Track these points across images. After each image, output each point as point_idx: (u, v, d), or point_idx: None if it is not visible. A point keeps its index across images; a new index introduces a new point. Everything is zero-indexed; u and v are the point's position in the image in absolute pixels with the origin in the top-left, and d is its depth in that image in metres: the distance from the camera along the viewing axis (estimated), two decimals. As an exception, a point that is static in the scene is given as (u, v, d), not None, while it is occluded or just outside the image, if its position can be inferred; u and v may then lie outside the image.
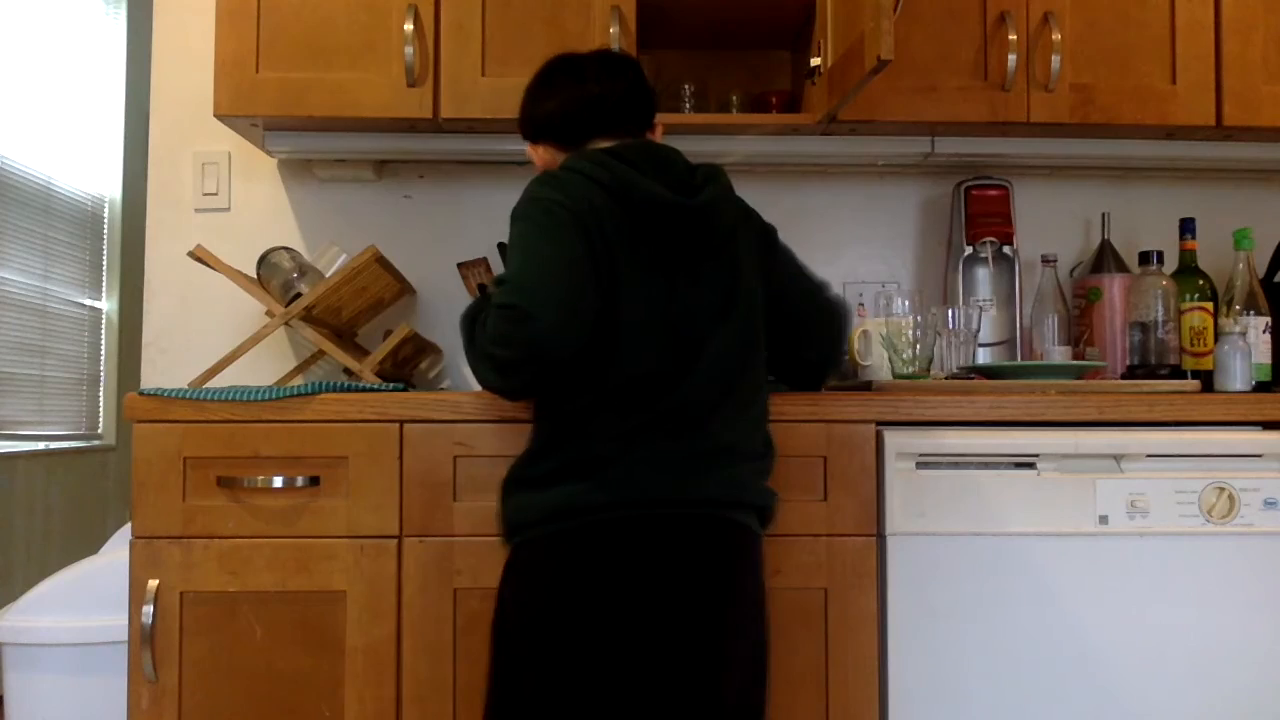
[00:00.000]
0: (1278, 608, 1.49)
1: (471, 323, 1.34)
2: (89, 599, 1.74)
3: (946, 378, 1.76)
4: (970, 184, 2.03)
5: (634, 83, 1.40)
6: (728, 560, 1.25)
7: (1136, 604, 1.48)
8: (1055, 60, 1.81)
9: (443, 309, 2.12)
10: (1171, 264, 1.92)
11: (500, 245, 2.07)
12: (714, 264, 1.30)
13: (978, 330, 1.85)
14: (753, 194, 2.14)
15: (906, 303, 1.73)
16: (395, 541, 1.47)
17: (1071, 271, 2.09)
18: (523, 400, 1.38)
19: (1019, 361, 1.96)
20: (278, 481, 1.47)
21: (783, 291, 1.40)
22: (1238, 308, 1.81)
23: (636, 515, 1.21)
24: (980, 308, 1.97)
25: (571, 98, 1.38)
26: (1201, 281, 1.86)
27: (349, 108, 1.80)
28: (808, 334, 1.45)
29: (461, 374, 2.12)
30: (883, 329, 1.74)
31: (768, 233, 1.43)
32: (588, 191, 1.25)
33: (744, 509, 1.27)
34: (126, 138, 3.81)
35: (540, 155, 1.43)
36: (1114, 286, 1.95)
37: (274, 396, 1.49)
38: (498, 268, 2.09)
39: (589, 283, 1.22)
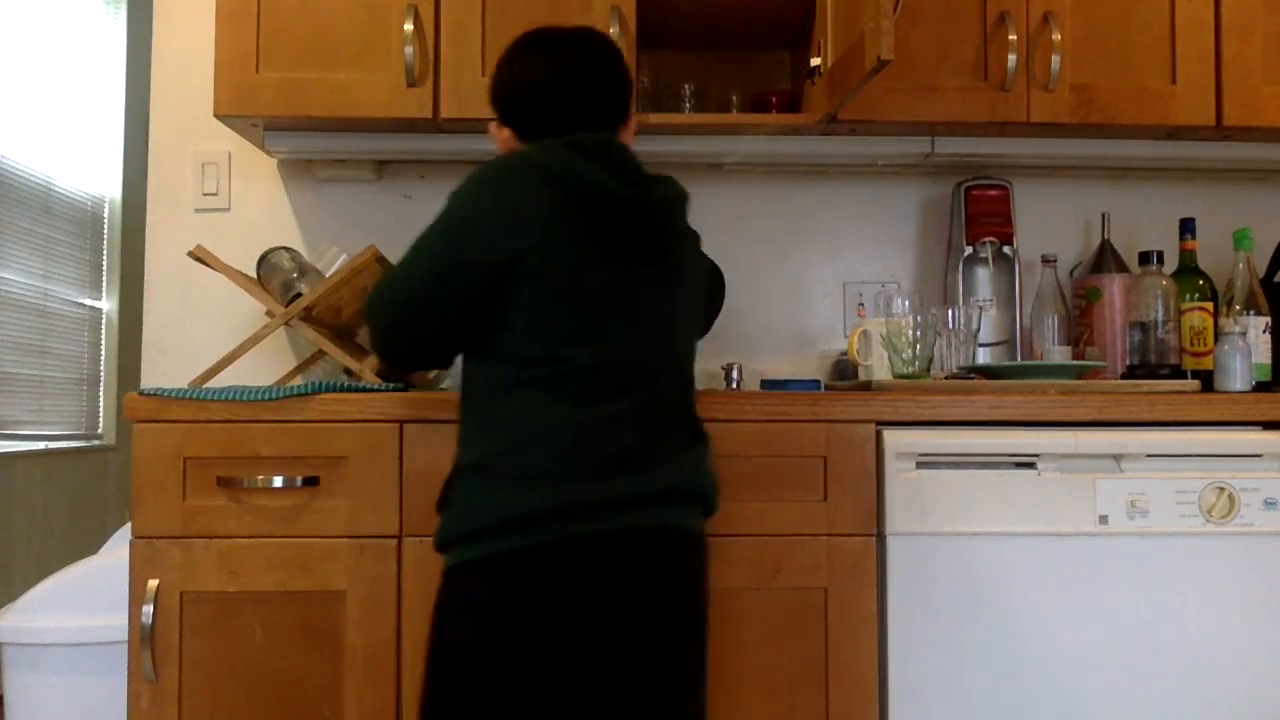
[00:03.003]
0: (1278, 608, 1.49)
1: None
2: (89, 599, 1.73)
3: (946, 378, 1.76)
4: (970, 184, 2.03)
5: (613, 76, 1.34)
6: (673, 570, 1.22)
7: (1136, 604, 1.48)
8: (1055, 60, 1.81)
9: (443, 309, 2.12)
10: (1171, 264, 1.92)
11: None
12: (667, 261, 1.28)
13: (978, 330, 1.85)
14: (753, 194, 2.16)
15: (906, 303, 1.73)
16: (395, 541, 1.47)
17: (1071, 271, 2.09)
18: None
19: (1019, 361, 1.96)
20: (278, 481, 1.47)
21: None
22: (1238, 308, 1.81)
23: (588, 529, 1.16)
24: (980, 308, 1.97)
25: (548, 87, 1.31)
26: (1201, 281, 1.86)
27: (349, 108, 1.80)
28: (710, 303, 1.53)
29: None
30: (883, 329, 1.74)
31: (697, 236, 1.43)
32: (526, 184, 1.25)
33: (688, 503, 1.24)
34: (126, 138, 3.80)
35: (504, 138, 1.38)
36: (1114, 286, 1.95)
37: (274, 396, 1.49)
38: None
39: (451, 301, 1.25)
